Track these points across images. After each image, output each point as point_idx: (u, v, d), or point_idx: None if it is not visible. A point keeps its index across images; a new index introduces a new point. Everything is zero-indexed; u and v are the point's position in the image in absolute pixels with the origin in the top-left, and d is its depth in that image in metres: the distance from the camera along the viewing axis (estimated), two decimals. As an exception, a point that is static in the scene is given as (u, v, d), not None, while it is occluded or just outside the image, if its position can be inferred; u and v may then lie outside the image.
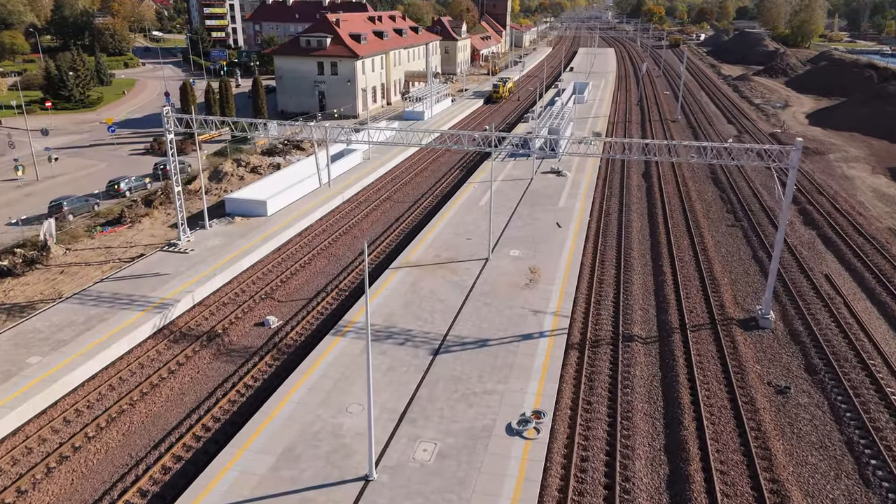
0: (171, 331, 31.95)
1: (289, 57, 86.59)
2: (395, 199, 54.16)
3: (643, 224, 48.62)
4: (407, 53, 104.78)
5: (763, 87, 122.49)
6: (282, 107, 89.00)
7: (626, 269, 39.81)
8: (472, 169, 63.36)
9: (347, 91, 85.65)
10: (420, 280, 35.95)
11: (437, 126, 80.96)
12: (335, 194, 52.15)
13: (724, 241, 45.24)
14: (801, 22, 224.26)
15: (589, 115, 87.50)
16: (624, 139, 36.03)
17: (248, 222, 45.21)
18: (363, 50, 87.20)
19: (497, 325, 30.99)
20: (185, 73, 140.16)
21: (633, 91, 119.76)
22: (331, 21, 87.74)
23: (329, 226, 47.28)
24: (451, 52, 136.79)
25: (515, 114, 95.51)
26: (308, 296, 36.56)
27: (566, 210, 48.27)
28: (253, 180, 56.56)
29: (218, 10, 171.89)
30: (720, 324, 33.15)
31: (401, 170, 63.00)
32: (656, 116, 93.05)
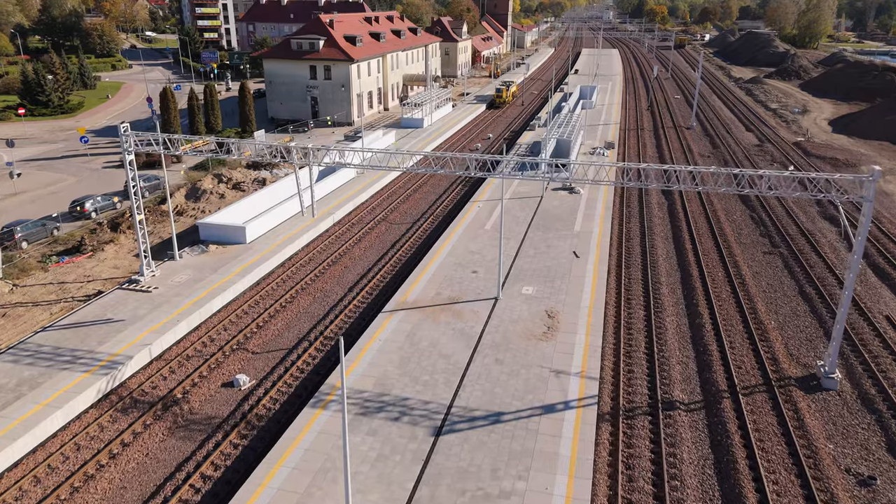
0: (120, 396, 26.62)
1: (279, 60, 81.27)
2: (392, 221, 48.86)
3: (669, 250, 43.33)
4: (405, 56, 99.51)
5: (777, 90, 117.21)
6: (272, 113, 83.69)
7: (657, 310, 34.51)
8: (476, 184, 58.08)
9: (342, 97, 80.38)
10: (419, 327, 30.65)
11: (437, 134, 75.74)
12: (325, 215, 46.84)
13: (762, 271, 39.94)
14: (809, 22, 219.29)
15: (598, 122, 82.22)
16: (640, 164, 30.61)
17: (225, 251, 39.87)
18: (358, 53, 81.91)
19: (512, 390, 25.69)
20: (175, 76, 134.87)
21: (642, 95, 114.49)
22: (324, 22, 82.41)
23: (316, 254, 41.97)
24: (452, 53, 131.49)
25: (520, 120, 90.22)
26: (288, 345, 31.25)
27: (583, 235, 42.98)
28: (235, 199, 51.25)
29: (210, 10, 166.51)
30: (776, 384, 27.86)
31: (398, 185, 57.71)
32: (669, 123, 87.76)
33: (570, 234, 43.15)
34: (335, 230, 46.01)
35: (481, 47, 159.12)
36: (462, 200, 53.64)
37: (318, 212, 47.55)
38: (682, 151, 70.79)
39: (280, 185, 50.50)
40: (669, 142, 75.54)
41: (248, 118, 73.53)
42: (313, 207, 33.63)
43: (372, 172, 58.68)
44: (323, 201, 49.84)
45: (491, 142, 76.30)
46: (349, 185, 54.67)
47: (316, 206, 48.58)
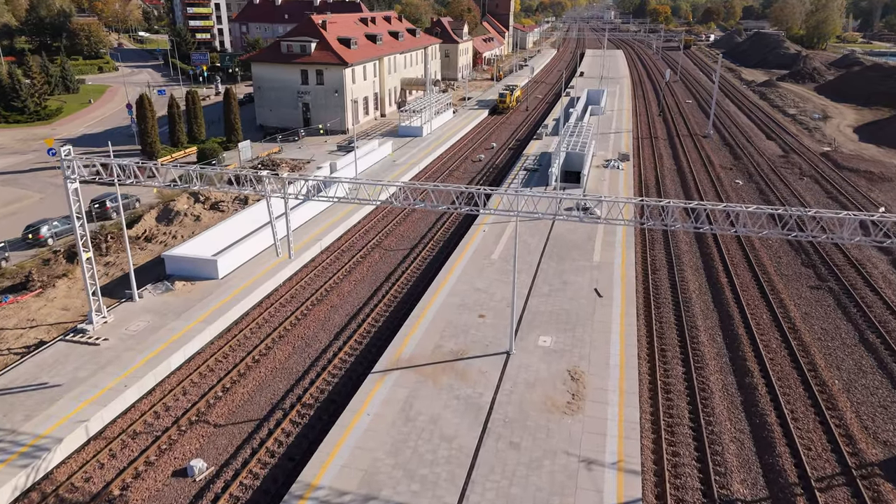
0: (43, 494, 21.33)
1: (268, 64, 75.94)
2: (387, 247, 43.55)
3: (701, 284, 38.04)
4: (403, 59, 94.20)
5: (793, 94, 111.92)
6: (261, 121, 78.36)
7: (698, 366, 29.23)
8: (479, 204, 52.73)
9: (335, 103, 75.07)
10: (416, 395, 25.36)
11: (437, 143, 70.45)
12: (312, 241, 41.55)
13: (812, 312, 34.66)
14: (818, 22, 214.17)
15: (609, 130, 76.91)
16: (663, 201, 25.46)
17: (193, 289, 34.57)
18: (353, 56, 76.60)
19: (533, 491, 20.40)
20: (164, 79, 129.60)
21: (651, 99, 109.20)
22: (316, 23, 77.08)
23: (300, 289, 36.67)
24: (452, 55, 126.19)
25: (525, 127, 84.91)
26: (258, 414, 25.96)
27: (604, 266, 37.69)
28: (212, 221, 45.95)
29: (202, 9, 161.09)
30: (856, 472, 22.59)
31: (393, 207, 52.34)
32: (684, 131, 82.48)
33: (589, 266, 37.86)
34: (322, 260, 40.69)
35: (482, 49, 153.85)
36: (466, 221, 48.37)
37: (306, 236, 42.27)
38: (702, 164, 65.49)
39: (263, 207, 45.18)
40: (687, 152, 70.24)
41: (233, 127, 68.24)
42: (290, 245, 28.40)
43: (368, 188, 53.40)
44: (312, 223, 44.54)
45: (495, 152, 71.00)
46: (341, 204, 49.39)
47: (303, 230, 43.34)
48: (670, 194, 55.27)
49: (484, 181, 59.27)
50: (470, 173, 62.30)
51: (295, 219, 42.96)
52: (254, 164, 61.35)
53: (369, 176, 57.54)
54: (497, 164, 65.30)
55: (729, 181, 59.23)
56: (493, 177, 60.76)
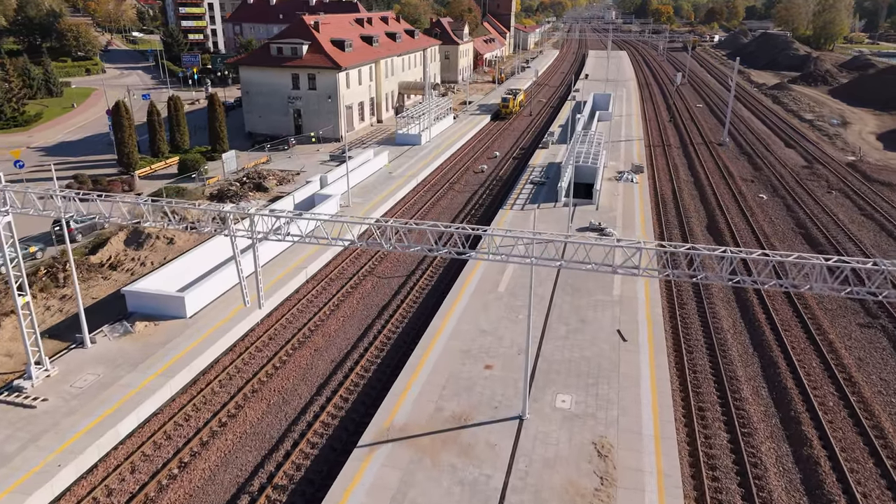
0: None
1: (257, 68, 71.46)
2: (380, 273, 39.10)
3: (736, 322, 33.59)
4: (401, 61, 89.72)
5: (807, 98, 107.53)
6: (250, 127, 73.87)
7: (745, 432, 24.73)
8: (482, 222, 48.31)
9: (328, 109, 70.62)
10: (410, 480, 20.88)
11: (437, 153, 65.98)
12: (294, 271, 37.10)
13: (867, 357, 30.19)
14: (825, 23, 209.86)
15: (620, 138, 72.43)
16: (689, 249, 21.11)
17: (156, 330, 30.11)
18: (347, 59, 72.12)
19: None
20: (154, 81, 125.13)
21: (660, 103, 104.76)
22: (308, 24, 72.61)
23: (279, 330, 32.21)
24: (452, 57, 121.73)
25: (530, 134, 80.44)
26: (220, 501, 21.46)
27: (626, 301, 33.25)
28: (187, 245, 41.48)
29: (194, 9, 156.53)
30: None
31: (384, 230, 47.89)
32: (698, 138, 78.01)
33: (609, 300, 33.40)
34: (307, 291, 36.21)
35: (483, 50, 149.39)
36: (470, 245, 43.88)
37: (290, 264, 37.80)
38: (721, 175, 61.01)
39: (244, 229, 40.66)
40: (703, 162, 65.75)
41: (218, 135, 63.73)
42: (259, 293, 24.03)
43: (358, 205, 48.99)
44: (296, 247, 40.06)
45: (498, 161, 66.54)
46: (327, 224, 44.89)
47: (287, 256, 38.87)
48: (689, 211, 50.79)
49: (487, 195, 54.79)
50: (472, 185, 57.85)
51: (276, 246, 38.48)
52: (238, 176, 56.88)
53: (363, 189, 53.08)
54: (501, 176, 60.83)
55: (752, 196, 54.74)
56: (496, 190, 56.29)
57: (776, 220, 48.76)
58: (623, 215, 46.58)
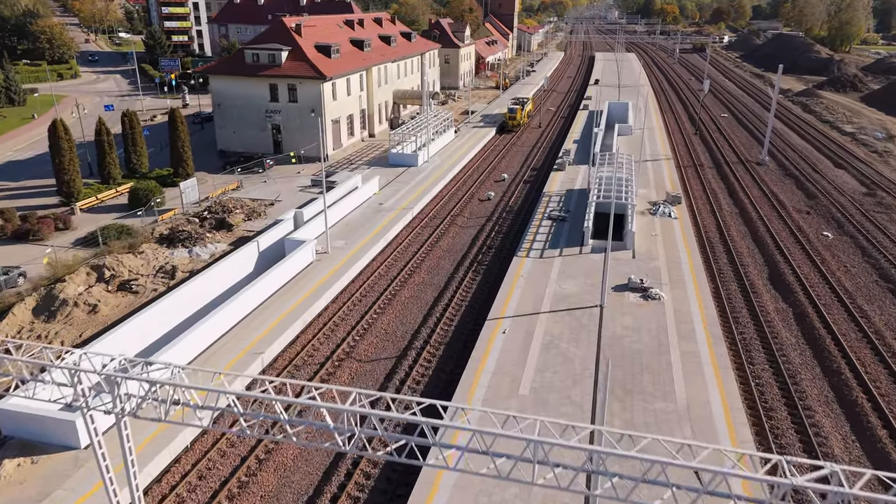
0: None
1: (229, 77, 62.34)
2: (360, 357, 30.00)
3: (846, 440, 24.53)
4: (396, 68, 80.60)
5: (840, 106, 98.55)
6: (223, 145, 64.75)
7: None
8: (493, 274, 39.21)
9: (312, 124, 61.48)
10: None
11: (436, 176, 56.88)
12: (248, 356, 28.03)
13: None
14: (841, 23, 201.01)
15: (646, 156, 63.33)
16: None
17: (33, 472, 21.01)
18: (334, 67, 63.03)
19: None
20: (131, 86, 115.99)
21: (680, 112, 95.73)
22: (288, 27, 63.50)
23: (223, 456, 23.12)
24: (453, 61, 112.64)
25: (541, 150, 71.34)
26: None
27: (696, 411, 24.19)
28: (114, 314, 32.40)
29: (178, 9, 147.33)
30: None
31: (377, 276, 38.85)
32: (732, 156, 68.93)
33: (674, 409, 24.33)
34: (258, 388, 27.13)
35: (485, 53, 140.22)
36: (477, 303, 34.87)
37: (248, 339, 28.77)
38: (770, 205, 51.94)
39: (200, 286, 31.60)
40: (745, 187, 56.66)
41: (180, 157, 54.60)
42: (133, 494, 15.18)
43: (341, 250, 39.85)
44: (255, 318, 30.98)
45: (507, 186, 57.47)
46: (302, 280, 35.76)
47: (255, 323, 29.84)
48: (743, 256, 41.70)
49: (496, 232, 45.72)
50: (477, 218, 48.80)
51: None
52: (200, 209, 47.79)
53: (347, 227, 44.02)
54: (511, 206, 51.73)
55: (814, 233, 45.69)
56: (507, 225, 47.23)
57: (853, 269, 39.66)
58: (667, 265, 37.50)
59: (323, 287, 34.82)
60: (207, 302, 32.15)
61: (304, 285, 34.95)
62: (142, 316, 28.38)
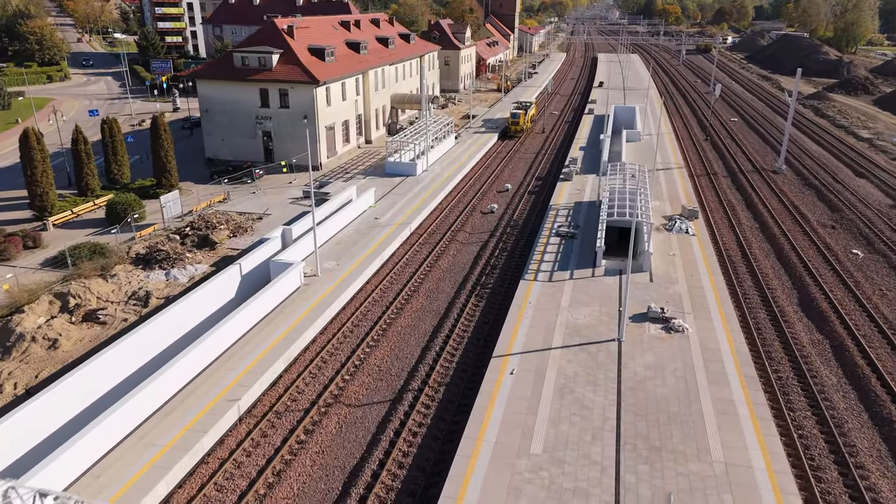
0: None
1: (217, 81, 59.02)
2: (350, 401, 26.73)
3: (905, 503, 21.30)
4: (394, 70, 77.32)
5: (853, 110, 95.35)
6: (211, 153, 61.42)
7: None
8: (498, 299, 35.92)
9: (304, 130, 58.16)
10: None
11: (436, 187, 53.61)
12: (221, 404, 24.75)
13: None
14: (848, 24, 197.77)
15: (657, 165, 60.05)
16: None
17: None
18: (328, 71, 59.75)
19: None
20: (122, 89, 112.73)
21: (688, 116, 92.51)
22: (280, 29, 60.21)
23: (180, 534, 19.87)
24: (453, 63, 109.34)
25: (545, 157, 68.05)
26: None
27: (736, 477, 20.91)
28: (77, 350, 29.11)
29: (172, 9, 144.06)
30: None
31: (371, 303, 35.58)
32: (746, 164, 65.64)
33: (711, 475, 21.05)
34: (239, 435, 23.86)
35: (486, 54, 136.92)
36: (480, 335, 31.60)
37: (212, 395, 25.49)
38: (792, 218, 48.66)
39: (176, 315, 28.27)
40: (763, 198, 53.35)
41: (164, 166, 51.31)
42: None
43: (331, 273, 36.55)
44: (228, 362, 27.69)
45: (511, 197, 54.20)
46: (286, 310, 32.47)
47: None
48: (769, 278, 38.43)
49: (500, 249, 42.43)
50: (480, 233, 45.54)
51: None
52: (183, 224, 44.50)
53: (339, 245, 40.74)
54: (516, 220, 48.44)
55: (842, 251, 42.43)
56: (512, 241, 43.94)
57: (889, 293, 36.40)
58: (688, 290, 34.21)
59: (310, 316, 31.54)
60: (180, 336, 28.87)
61: (290, 314, 31.67)
62: (106, 356, 25.02)
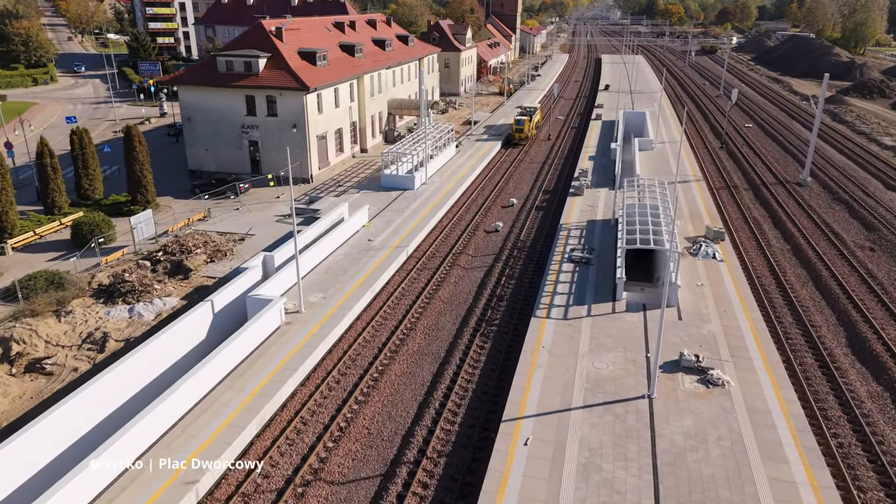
0: None
1: (200, 88, 54.79)
2: (333, 477, 22.47)
3: None
4: (391, 75, 73.10)
5: (872, 115, 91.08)
6: (193, 164, 57.19)
7: None
8: (506, 340, 31.67)
9: (294, 141, 53.99)
10: None
11: (435, 202, 49.37)
12: (175, 488, 20.49)
13: None
14: (856, 25, 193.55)
15: (672, 177, 55.77)
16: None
17: None
18: (319, 76, 55.54)
19: None
20: (109, 92, 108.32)
21: (700, 122, 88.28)
22: (268, 31, 56.01)
23: None
24: (454, 66, 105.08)
25: (552, 167, 63.80)
26: None
27: None
28: (13, 412, 24.84)
29: (164, 9, 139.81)
30: None
31: (361, 344, 31.33)
32: (767, 175, 61.40)
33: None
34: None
35: (487, 56, 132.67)
36: (487, 386, 27.37)
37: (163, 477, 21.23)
38: (826, 240, 44.41)
39: (114, 380, 23.99)
40: (791, 215, 49.10)
41: (139, 181, 47.05)
42: None
43: (317, 310, 32.30)
44: (219, 398, 23.43)
45: (516, 213, 49.99)
46: (262, 357, 28.19)
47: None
48: (811, 312, 34.18)
49: (507, 276, 38.18)
50: (484, 256, 41.31)
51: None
52: (157, 247, 40.25)
53: (328, 274, 36.50)
54: (523, 241, 44.16)
55: (887, 278, 38.18)
56: (519, 266, 39.69)
57: (948, 332, 32.16)
58: (724, 331, 29.95)
59: (289, 366, 27.28)
60: (135, 393, 24.62)
61: (267, 363, 27.41)
62: (28, 433, 20.68)
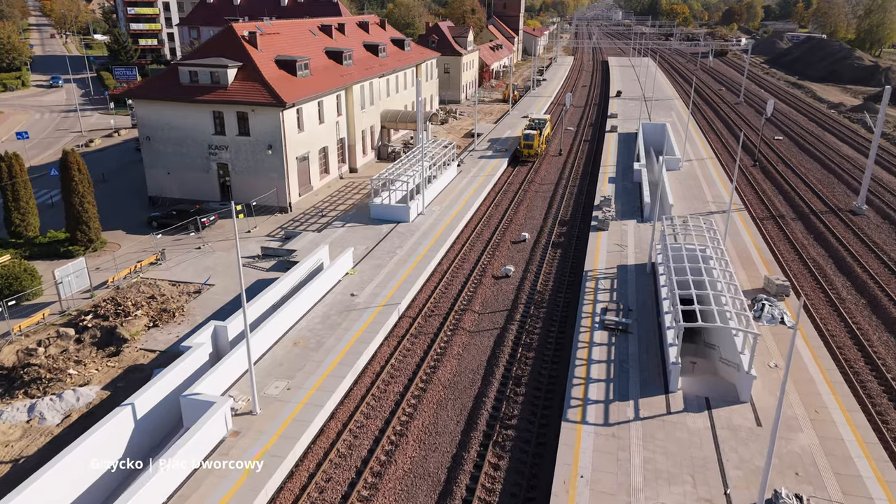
0: None
1: (160, 102, 47.00)
2: None
3: None
4: (385, 83, 65.31)
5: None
6: (153, 191, 49.41)
7: None
8: (529, 455, 23.90)
9: (269, 163, 46.27)
10: None
11: (434, 240, 41.57)
12: None
13: None
14: (872, 26, 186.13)
15: (709, 205, 48.11)
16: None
17: None
18: (299, 88, 47.78)
19: None
20: (84, 98, 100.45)
21: (724, 133, 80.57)
22: (239, 36, 48.23)
23: None
24: (454, 71, 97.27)
25: (567, 190, 55.97)
26: None
27: None
28: None
29: (146, 10, 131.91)
30: None
31: (330, 467, 23.54)
32: (815, 201, 53.62)
33: None
34: None
35: (490, 59, 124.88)
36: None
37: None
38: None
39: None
40: (857, 256, 41.35)
41: (78, 217, 39.22)
42: None
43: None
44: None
45: (529, 250, 42.23)
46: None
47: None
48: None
49: (523, 348, 30.43)
50: (494, 315, 33.55)
51: None
52: (87, 305, 32.48)
53: (298, 347, 28.75)
54: (541, 293, 36.34)
55: None
56: (539, 331, 31.92)
57: None
58: (821, 444, 22.23)
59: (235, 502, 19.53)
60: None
61: (203, 499, 19.66)
62: None
